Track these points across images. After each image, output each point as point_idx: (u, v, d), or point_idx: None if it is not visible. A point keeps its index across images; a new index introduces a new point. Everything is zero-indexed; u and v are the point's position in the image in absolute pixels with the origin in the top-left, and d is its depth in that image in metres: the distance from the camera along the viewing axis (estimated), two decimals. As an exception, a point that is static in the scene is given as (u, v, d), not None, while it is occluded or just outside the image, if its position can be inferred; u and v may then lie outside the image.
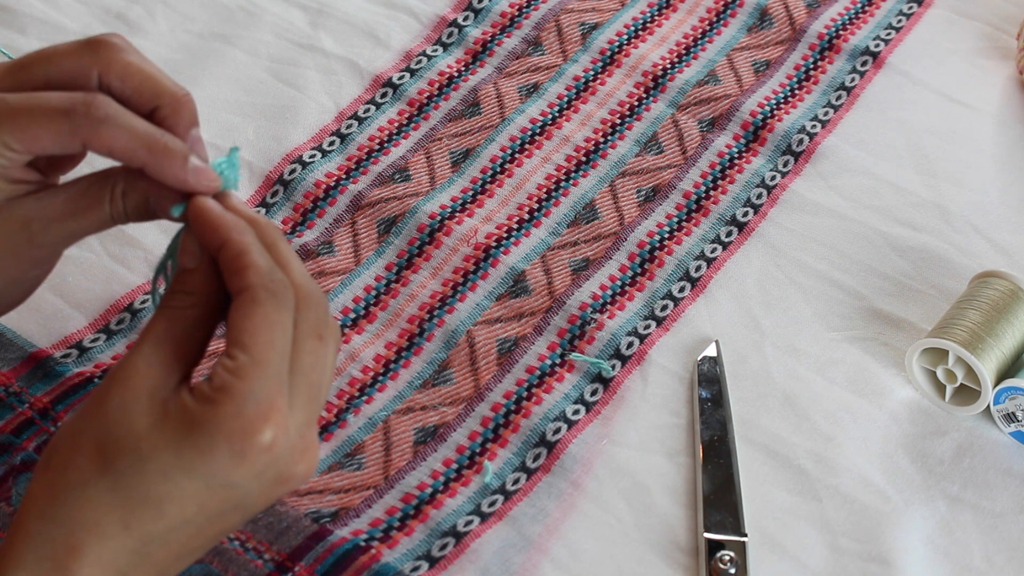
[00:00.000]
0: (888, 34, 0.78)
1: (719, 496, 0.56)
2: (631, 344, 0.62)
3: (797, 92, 0.75)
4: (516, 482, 0.57)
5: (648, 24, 0.79)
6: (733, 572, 0.53)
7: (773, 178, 0.70)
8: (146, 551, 0.41)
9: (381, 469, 0.58)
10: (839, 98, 0.75)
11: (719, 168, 0.71)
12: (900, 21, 0.79)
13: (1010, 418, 0.58)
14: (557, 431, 0.59)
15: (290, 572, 0.52)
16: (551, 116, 0.73)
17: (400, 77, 0.75)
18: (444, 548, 0.54)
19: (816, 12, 0.79)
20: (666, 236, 0.67)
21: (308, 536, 0.53)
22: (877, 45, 0.77)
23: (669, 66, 0.76)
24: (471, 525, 0.55)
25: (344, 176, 0.70)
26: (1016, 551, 0.55)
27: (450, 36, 0.78)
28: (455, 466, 0.58)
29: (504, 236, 0.67)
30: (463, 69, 0.76)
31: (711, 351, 0.61)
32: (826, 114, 0.73)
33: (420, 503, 0.56)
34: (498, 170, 0.71)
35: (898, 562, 0.54)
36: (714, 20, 0.80)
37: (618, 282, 0.65)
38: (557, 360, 0.62)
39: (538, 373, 0.61)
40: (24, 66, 0.46)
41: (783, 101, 0.74)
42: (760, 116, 0.73)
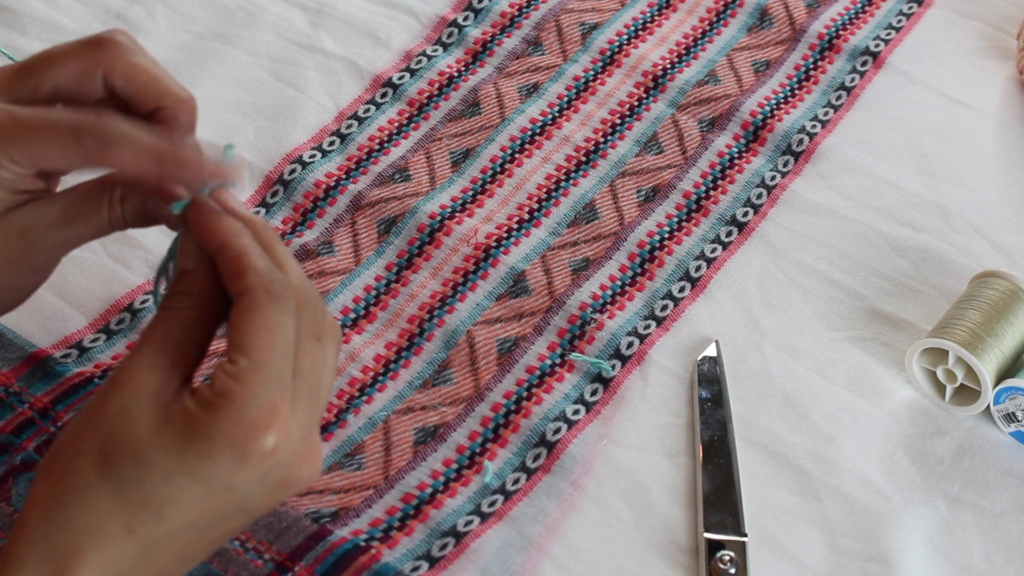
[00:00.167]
0: (888, 34, 0.78)
1: (719, 496, 0.56)
2: (631, 344, 0.62)
3: (797, 92, 0.75)
4: (516, 482, 0.57)
5: (648, 24, 0.79)
6: (733, 572, 0.53)
7: (773, 178, 0.70)
8: (148, 555, 0.41)
9: (381, 469, 0.58)
10: (839, 98, 0.75)
11: (719, 168, 0.71)
12: (900, 21, 0.79)
13: (1010, 418, 0.58)
14: (557, 431, 0.59)
15: (290, 572, 0.52)
16: (551, 116, 0.73)
17: (400, 77, 0.75)
18: (444, 548, 0.54)
19: (816, 12, 0.79)
20: (666, 236, 0.67)
21: (308, 536, 0.53)
22: (877, 45, 0.77)
23: (669, 66, 0.76)
24: (471, 525, 0.55)
25: (344, 176, 0.70)
26: (1016, 551, 0.55)
27: (450, 36, 0.78)
28: (455, 466, 0.58)
29: (504, 236, 0.67)
30: (463, 69, 0.76)
31: (711, 351, 0.61)
32: (826, 114, 0.73)
33: (420, 503, 0.56)
34: (498, 170, 0.71)
35: (898, 562, 0.54)
36: (714, 20, 0.80)
37: (618, 282, 0.65)
38: (557, 360, 0.62)
39: (538, 373, 0.61)
40: (30, 69, 0.46)
41: (783, 101, 0.74)
42: (760, 116, 0.73)
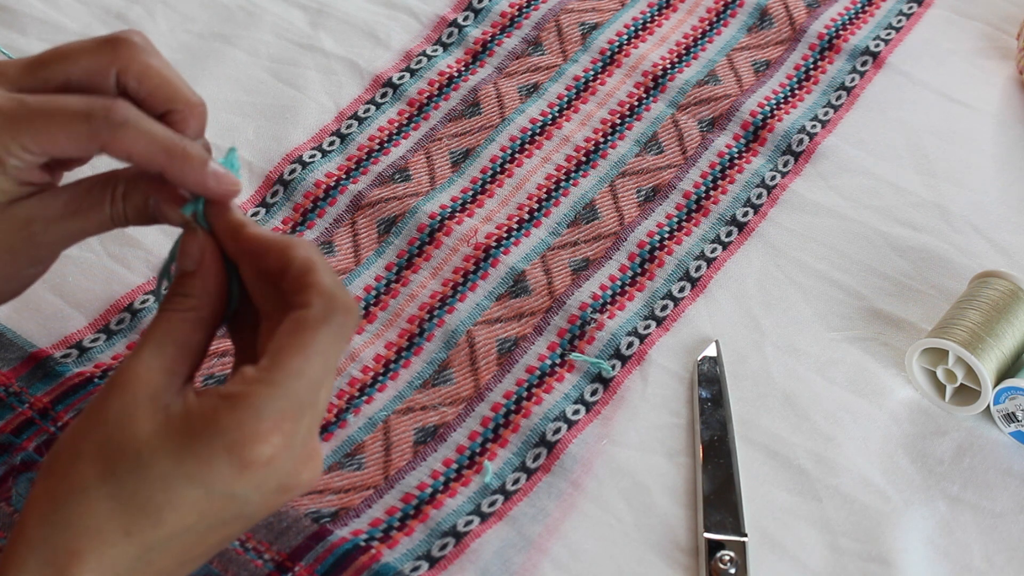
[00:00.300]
0: (888, 34, 0.78)
1: (719, 496, 0.56)
2: (631, 344, 0.62)
3: (797, 92, 0.75)
4: (516, 482, 0.57)
5: (648, 24, 0.79)
6: (733, 572, 0.53)
7: (773, 178, 0.70)
8: (147, 557, 0.41)
9: (381, 469, 0.58)
10: (839, 98, 0.75)
11: (719, 168, 0.71)
12: (900, 21, 0.79)
13: (1010, 418, 0.58)
14: (557, 431, 0.59)
15: (290, 572, 0.52)
16: (551, 116, 0.73)
17: (400, 77, 0.75)
18: (444, 548, 0.54)
19: (816, 12, 0.79)
20: (666, 236, 0.67)
21: (308, 536, 0.53)
22: (877, 45, 0.77)
23: (669, 66, 0.76)
24: (471, 525, 0.55)
25: (344, 176, 0.70)
26: (1016, 551, 0.55)
27: (450, 36, 0.78)
28: (455, 466, 0.58)
29: (504, 236, 0.67)
30: (463, 69, 0.76)
31: (711, 351, 0.62)
32: (826, 114, 0.73)
33: (420, 503, 0.56)
34: (498, 170, 0.71)
35: (898, 562, 0.54)
36: (714, 20, 0.80)
37: (618, 282, 0.65)
38: (557, 360, 0.62)
39: (538, 373, 0.61)
40: (43, 63, 0.46)
41: (783, 101, 0.74)
42: (760, 116, 0.73)
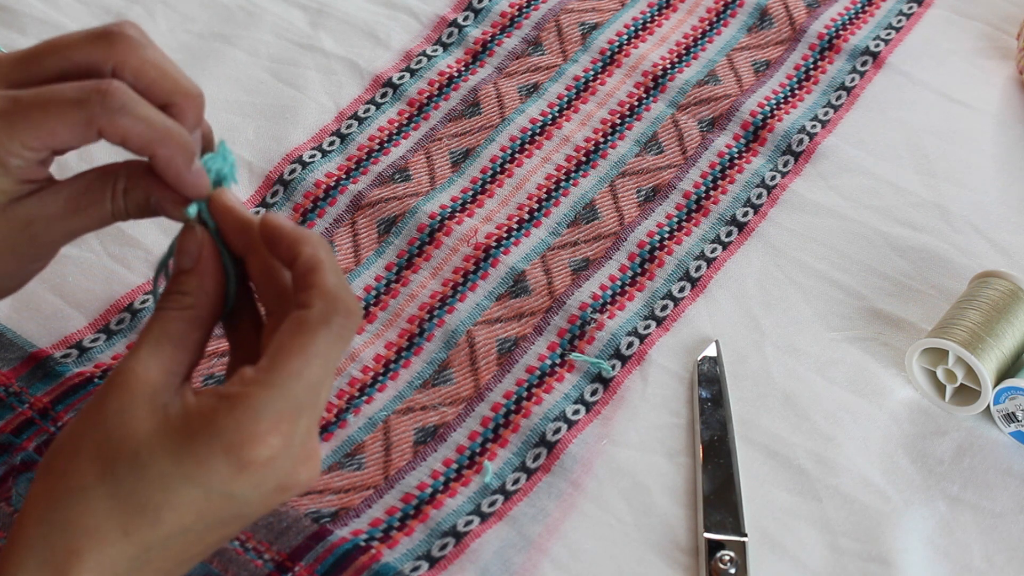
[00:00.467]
0: (888, 34, 0.78)
1: (719, 496, 0.56)
2: (631, 344, 0.62)
3: (797, 92, 0.75)
4: (516, 482, 0.57)
5: (648, 24, 0.79)
6: (733, 572, 0.53)
7: (773, 178, 0.70)
8: (146, 557, 0.41)
9: (381, 469, 0.58)
10: (839, 98, 0.75)
11: (719, 168, 0.71)
12: (900, 21, 0.79)
13: (1010, 418, 0.58)
14: (557, 431, 0.59)
15: (290, 572, 0.52)
16: (551, 116, 0.73)
17: (400, 77, 0.75)
18: (444, 548, 0.54)
19: (816, 12, 0.79)
20: (666, 236, 0.67)
21: (308, 536, 0.53)
22: (877, 45, 0.77)
23: (669, 66, 0.76)
24: (471, 525, 0.55)
25: (344, 176, 0.70)
26: (1016, 551, 0.55)
27: (450, 36, 0.78)
28: (455, 466, 0.58)
29: (504, 236, 0.67)
30: (463, 69, 0.76)
31: (711, 351, 0.61)
32: (826, 114, 0.73)
33: (420, 503, 0.56)
34: (498, 170, 0.71)
35: (898, 562, 0.54)
36: (714, 20, 0.80)
37: (618, 282, 0.65)
38: (557, 360, 0.62)
39: (538, 373, 0.61)
40: (35, 56, 0.45)
41: (783, 101, 0.74)
42: (760, 116, 0.73)
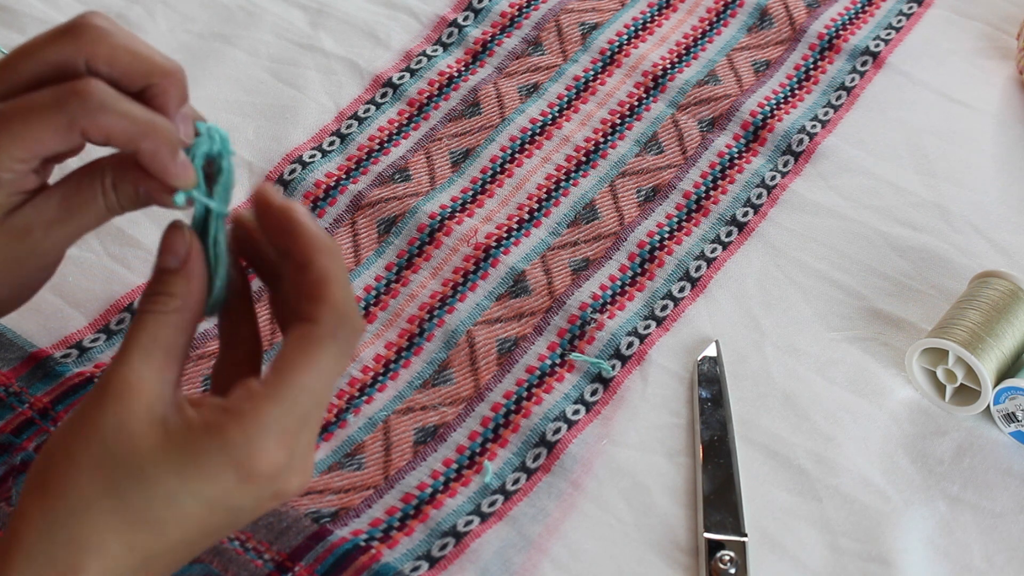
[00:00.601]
0: (888, 34, 0.78)
1: (719, 496, 0.56)
2: (631, 344, 0.62)
3: (797, 92, 0.75)
4: (516, 482, 0.57)
5: (648, 24, 0.79)
6: (733, 572, 0.53)
7: (773, 178, 0.70)
8: (146, 565, 0.41)
9: (381, 469, 0.58)
10: (839, 98, 0.75)
11: (719, 168, 0.71)
12: (900, 21, 0.79)
13: (1010, 418, 0.58)
14: (557, 431, 0.59)
15: (290, 572, 0.52)
16: (551, 116, 0.73)
17: (400, 77, 0.75)
18: (444, 548, 0.54)
19: (816, 12, 0.79)
20: (666, 236, 0.67)
21: (308, 536, 0.53)
22: (877, 45, 0.77)
23: (669, 66, 0.76)
24: (471, 525, 0.55)
25: (344, 176, 0.70)
26: (1016, 551, 0.55)
27: (450, 36, 0.78)
28: (455, 466, 0.58)
29: (504, 236, 0.67)
30: (463, 69, 0.76)
31: (711, 351, 0.61)
32: (826, 114, 0.73)
33: (420, 503, 0.56)
34: (498, 170, 0.71)
35: (898, 562, 0.54)
36: (714, 20, 0.80)
37: (618, 282, 0.65)
38: (557, 360, 0.62)
39: (538, 373, 0.61)
40: (9, 65, 0.44)
41: (783, 101, 0.74)
42: (760, 116, 0.73)
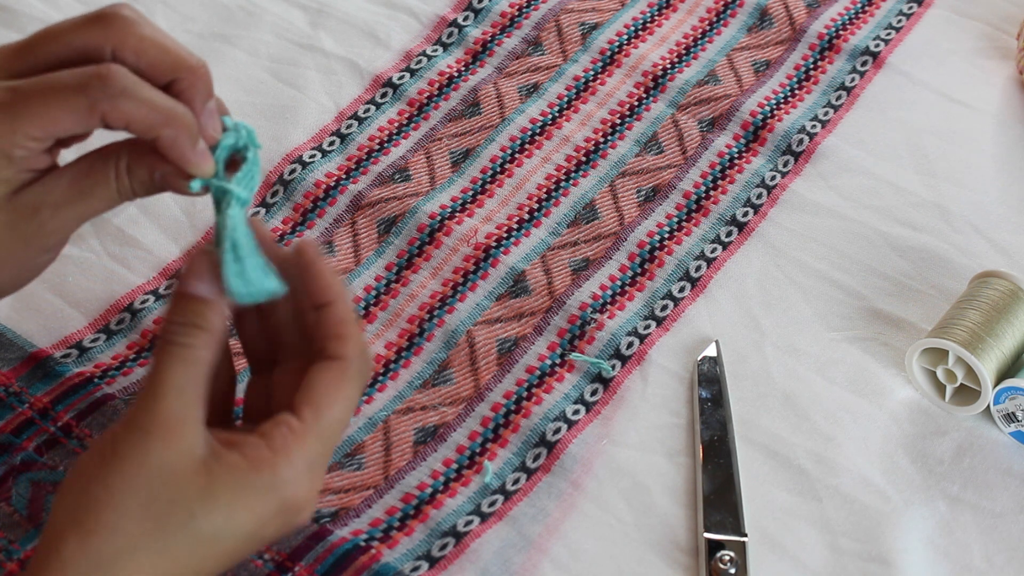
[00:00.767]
0: (888, 34, 0.78)
1: (719, 496, 0.56)
2: (631, 344, 0.62)
3: (797, 92, 0.75)
4: (516, 482, 0.57)
5: (648, 24, 0.79)
6: (733, 572, 0.53)
7: (773, 178, 0.70)
8: None
9: (381, 469, 0.58)
10: (839, 98, 0.75)
11: (719, 168, 0.71)
12: (900, 21, 0.79)
13: (1010, 418, 0.58)
14: (557, 431, 0.59)
15: (290, 572, 0.52)
16: (551, 116, 0.73)
17: (400, 77, 0.75)
18: (444, 548, 0.54)
19: (816, 12, 0.79)
20: (666, 236, 0.67)
21: (308, 536, 0.53)
22: (877, 45, 0.77)
23: (669, 66, 0.76)
24: (471, 525, 0.55)
25: (344, 176, 0.70)
26: (1016, 551, 0.55)
27: (450, 36, 0.78)
28: (455, 466, 0.58)
29: (504, 236, 0.67)
30: (463, 69, 0.76)
31: (711, 351, 0.61)
32: (826, 114, 0.73)
33: (420, 503, 0.56)
34: (498, 170, 0.71)
35: (898, 562, 0.54)
36: (714, 20, 0.80)
37: (618, 282, 0.65)
38: (557, 360, 0.62)
39: (538, 373, 0.61)
40: (32, 45, 0.44)
41: (783, 101, 0.74)
42: (760, 116, 0.73)
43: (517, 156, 0.71)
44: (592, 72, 0.76)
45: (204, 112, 0.45)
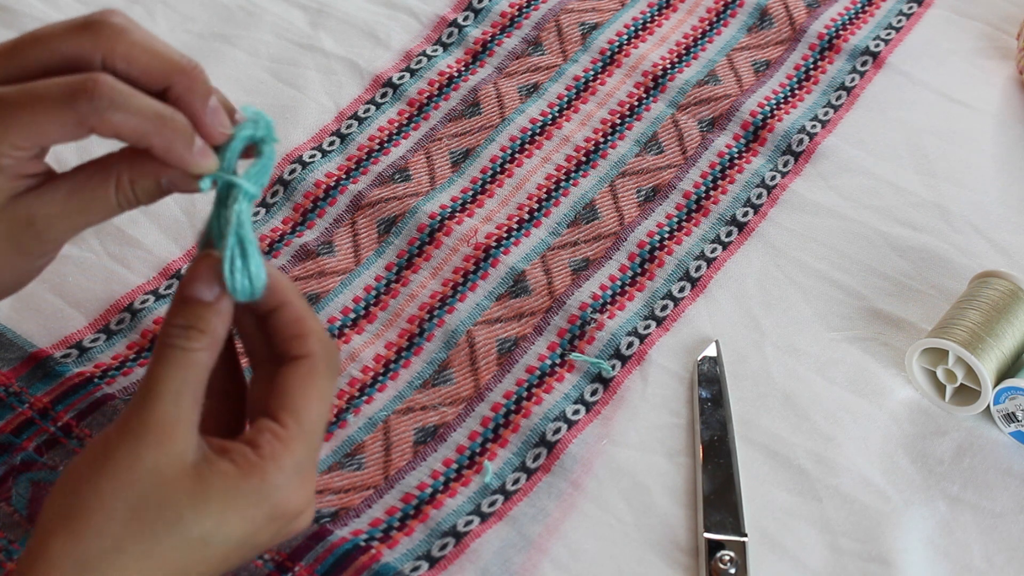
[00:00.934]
0: (888, 34, 0.78)
1: (719, 496, 0.56)
2: (631, 344, 0.62)
3: (797, 92, 0.75)
4: (516, 482, 0.57)
5: (648, 24, 0.79)
6: (733, 572, 0.53)
7: (773, 178, 0.70)
8: None
9: (381, 469, 0.58)
10: (839, 98, 0.75)
11: (719, 168, 0.71)
12: (900, 21, 0.79)
13: (1010, 418, 0.58)
14: (557, 431, 0.59)
15: (290, 572, 0.52)
16: (551, 116, 0.73)
17: (400, 77, 0.75)
18: (444, 548, 0.54)
19: (816, 12, 0.79)
20: (666, 236, 0.67)
21: (308, 536, 0.53)
22: (877, 45, 0.77)
23: (669, 66, 0.76)
24: (471, 525, 0.55)
25: (344, 176, 0.70)
26: (1016, 551, 0.55)
27: (450, 36, 0.78)
28: (455, 466, 0.58)
29: (504, 236, 0.67)
30: (463, 69, 0.76)
31: (711, 351, 0.61)
32: (826, 114, 0.73)
33: (420, 503, 0.56)
34: (498, 170, 0.71)
35: (898, 562, 0.54)
36: (714, 20, 0.80)
37: (618, 282, 0.65)
38: (557, 360, 0.62)
39: (538, 373, 0.61)
40: (17, 50, 0.43)
41: (783, 101, 0.74)
42: (760, 116, 0.73)
43: (517, 156, 0.71)
44: (592, 72, 0.76)
45: (207, 112, 0.43)
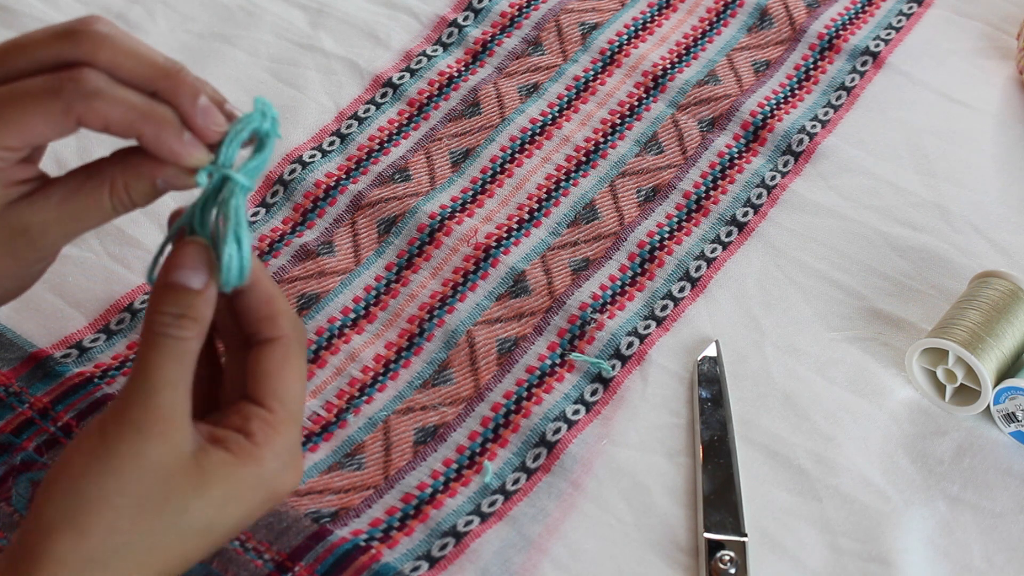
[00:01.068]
0: (888, 34, 0.78)
1: (719, 496, 0.56)
2: (631, 344, 0.62)
3: (797, 92, 0.75)
4: (516, 482, 0.57)
5: (648, 24, 0.79)
6: (733, 572, 0.53)
7: (773, 178, 0.70)
8: None
9: (381, 469, 0.58)
10: (839, 98, 0.75)
11: (719, 168, 0.71)
12: (900, 21, 0.79)
13: (1010, 418, 0.58)
14: (557, 431, 0.59)
15: (290, 572, 0.52)
16: (551, 116, 0.73)
17: (400, 77, 0.75)
18: (444, 548, 0.54)
19: (816, 12, 0.79)
20: (666, 236, 0.67)
21: (308, 536, 0.53)
22: (877, 45, 0.77)
23: (669, 66, 0.76)
24: (471, 525, 0.55)
25: (344, 176, 0.70)
26: (1016, 551, 0.55)
27: (450, 36, 0.78)
28: (455, 466, 0.58)
29: (504, 236, 0.67)
30: (463, 69, 0.76)
31: (711, 351, 0.61)
32: (826, 114, 0.74)
33: (420, 503, 0.56)
34: (498, 170, 0.71)
35: (898, 562, 0.54)
36: (714, 20, 0.80)
37: (618, 282, 0.65)
38: (557, 360, 0.62)
39: (538, 373, 0.61)
40: (0, 56, 0.43)
41: (783, 101, 0.74)
42: (760, 116, 0.73)
43: (517, 156, 0.71)
44: (592, 72, 0.76)
45: (197, 112, 0.43)
